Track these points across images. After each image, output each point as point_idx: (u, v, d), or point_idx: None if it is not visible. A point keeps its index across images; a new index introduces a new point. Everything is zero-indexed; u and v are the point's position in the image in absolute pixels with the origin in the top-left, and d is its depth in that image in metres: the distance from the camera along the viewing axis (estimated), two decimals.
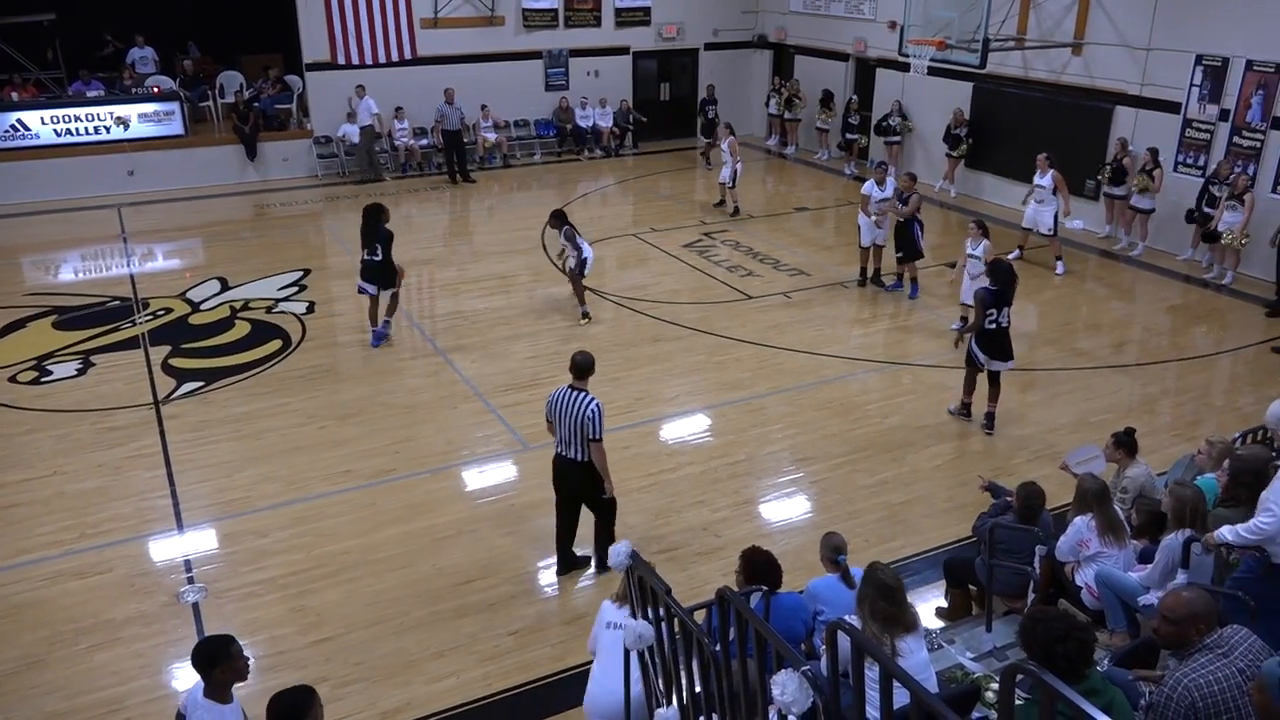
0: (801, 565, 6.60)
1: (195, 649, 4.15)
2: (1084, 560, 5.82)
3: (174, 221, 16.09)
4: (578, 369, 6.67)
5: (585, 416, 6.49)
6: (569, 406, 6.55)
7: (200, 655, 4.09)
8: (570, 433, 6.59)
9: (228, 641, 4.13)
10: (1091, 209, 15.11)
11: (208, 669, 4.06)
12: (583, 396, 6.55)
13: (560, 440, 6.71)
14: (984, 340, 8.89)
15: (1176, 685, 3.76)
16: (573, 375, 6.68)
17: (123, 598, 6.83)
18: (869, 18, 18.95)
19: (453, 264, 13.85)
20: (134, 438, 9.04)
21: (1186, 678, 3.77)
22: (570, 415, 6.54)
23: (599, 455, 6.60)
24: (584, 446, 6.58)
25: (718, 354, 10.94)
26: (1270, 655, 3.83)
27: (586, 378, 6.69)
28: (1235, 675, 3.73)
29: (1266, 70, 12.72)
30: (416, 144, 18.92)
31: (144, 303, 12.35)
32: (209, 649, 4.11)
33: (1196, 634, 3.91)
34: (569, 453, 6.67)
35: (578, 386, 6.63)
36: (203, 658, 4.08)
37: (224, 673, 4.06)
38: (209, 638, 4.31)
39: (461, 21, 19.15)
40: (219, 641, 4.15)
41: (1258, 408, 9.53)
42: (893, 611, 4.29)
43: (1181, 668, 3.86)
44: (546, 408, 6.77)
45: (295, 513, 7.87)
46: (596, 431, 6.50)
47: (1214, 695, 3.69)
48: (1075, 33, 15.05)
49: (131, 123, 17.46)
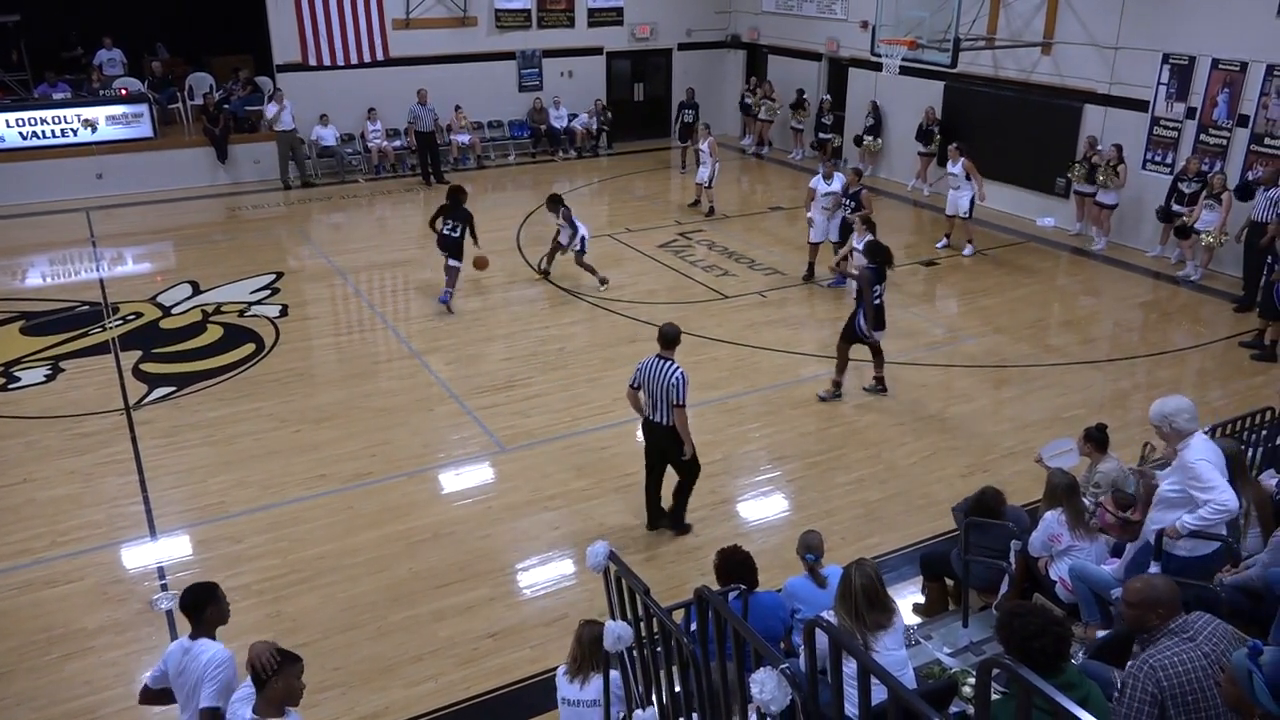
0: (779, 564, 6.62)
1: (185, 593, 4.45)
2: (1057, 555, 5.87)
3: (144, 225, 15.92)
4: (665, 339, 7.14)
5: (670, 383, 6.96)
6: (657, 374, 7.02)
7: (189, 598, 4.40)
8: (657, 398, 7.06)
9: (214, 587, 4.48)
10: (1062, 207, 15.27)
11: (199, 611, 4.36)
12: (669, 365, 7.03)
13: (648, 405, 7.18)
14: (872, 314, 9.43)
15: (1141, 666, 3.81)
16: (660, 345, 7.14)
17: (95, 606, 6.75)
18: (841, 18, 19.04)
19: (428, 266, 13.75)
20: (105, 444, 8.93)
21: (1152, 658, 3.82)
22: (658, 382, 7.02)
23: (681, 420, 7.06)
24: (669, 411, 7.04)
25: (694, 354, 10.93)
26: (1237, 641, 3.90)
27: (674, 347, 7.15)
28: (1200, 659, 3.78)
29: (1231, 69, 12.90)
30: (389, 145, 18.82)
31: (114, 307, 12.20)
32: (199, 593, 4.41)
33: (1156, 618, 3.94)
34: (654, 416, 7.15)
35: (665, 355, 7.10)
36: (192, 600, 4.39)
37: (213, 614, 4.39)
38: (195, 585, 4.52)
39: (434, 22, 19.07)
40: (206, 587, 4.48)
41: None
42: (875, 615, 4.33)
43: (1146, 650, 3.92)
44: (634, 374, 7.21)
45: (270, 518, 7.80)
46: (681, 397, 6.98)
47: (1178, 677, 3.73)
48: (1045, 32, 15.20)
49: (99, 125, 17.24)
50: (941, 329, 11.70)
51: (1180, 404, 5.25)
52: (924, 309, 12.29)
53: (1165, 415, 5.26)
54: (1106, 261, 14.09)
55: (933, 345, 11.18)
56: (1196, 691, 3.73)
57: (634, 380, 7.23)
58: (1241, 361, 10.80)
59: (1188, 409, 5.23)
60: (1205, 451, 5.14)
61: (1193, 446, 5.16)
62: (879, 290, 9.49)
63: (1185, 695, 3.72)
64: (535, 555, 7.39)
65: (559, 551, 7.41)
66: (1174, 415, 5.22)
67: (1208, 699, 3.72)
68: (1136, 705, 3.76)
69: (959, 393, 10.03)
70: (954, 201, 14.30)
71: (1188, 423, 5.21)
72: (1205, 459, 5.09)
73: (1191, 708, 3.72)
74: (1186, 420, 5.21)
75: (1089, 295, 13.04)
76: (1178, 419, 5.21)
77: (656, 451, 7.39)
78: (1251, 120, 12.76)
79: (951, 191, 14.33)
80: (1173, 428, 5.24)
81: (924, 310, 12.26)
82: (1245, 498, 5.64)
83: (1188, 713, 3.73)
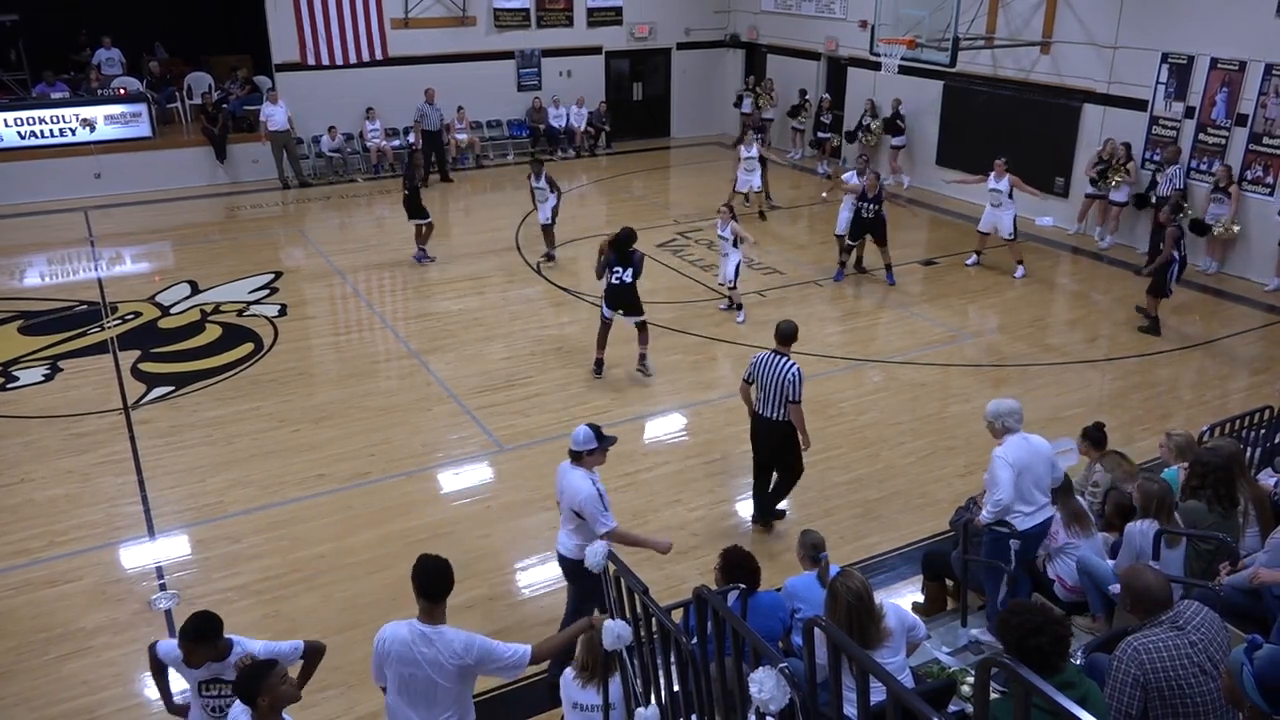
0: (778, 564, 6.62)
1: (191, 623, 4.30)
2: (1054, 553, 5.88)
3: (142, 224, 15.90)
4: (783, 336, 7.20)
5: (787, 380, 7.02)
6: (772, 370, 7.08)
7: (197, 627, 4.27)
8: (771, 394, 7.11)
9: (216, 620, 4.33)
10: (1061, 206, 15.27)
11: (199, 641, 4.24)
12: (785, 361, 7.07)
13: (760, 400, 7.22)
14: (608, 293, 9.83)
15: (1125, 649, 3.90)
16: (777, 341, 7.20)
17: (93, 606, 6.74)
18: (840, 17, 19.04)
19: (427, 265, 13.78)
20: (103, 443, 8.93)
21: (1136, 641, 3.90)
22: (772, 378, 7.07)
23: (797, 415, 7.13)
24: (782, 406, 7.09)
25: (693, 353, 10.96)
26: (1225, 633, 4.00)
27: (790, 344, 7.20)
28: (1186, 647, 3.84)
29: (1230, 68, 12.90)
30: (388, 145, 18.81)
31: (113, 307, 12.19)
32: (208, 625, 4.28)
33: (1147, 608, 4.04)
34: (766, 411, 7.20)
35: (781, 351, 7.14)
36: (201, 629, 4.26)
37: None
38: (200, 616, 4.37)
39: (432, 22, 19.05)
40: (208, 618, 4.32)
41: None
42: (865, 635, 4.25)
43: (1131, 635, 4.00)
44: (749, 369, 7.26)
45: (269, 517, 7.80)
46: (796, 394, 7.05)
47: (1163, 662, 3.80)
48: (1043, 31, 15.20)
49: (98, 125, 17.23)
50: (940, 328, 11.70)
51: (1011, 406, 5.84)
52: (923, 308, 12.28)
53: (998, 415, 5.82)
54: (1105, 260, 14.09)
55: (930, 344, 11.18)
56: (1183, 678, 3.79)
57: (748, 375, 7.29)
58: (1243, 360, 10.81)
59: (1016, 411, 5.81)
60: (1009, 452, 5.70)
61: (1005, 444, 5.75)
62: (619, 272, 9.66)
63: (1169, 682, 3.79)
64: (534, 555, 7.38)
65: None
66: (1005, 416, 5.80)
67: (1190, 686, 3.79)
68: (1120, 688, 3.86)
69: (957, 392, 10.03)
70: (994, 219, 13.14)
71: (1015, 423, 5.78)
72: (1004, 458, 5.68)
73: (1174, 694, 3.79)
74: (1014, 421, 5.79)
75: (1088, 294, 13.04)
76: (1008, 419, 5.79)
77: (767, 449, 7.42)
78: (1250, 119, 12.76)
79: (990, 209, 13.17)
80: (1003, 426, 5.79)
81: (922, 310, 12.25)
82: (1243, 496, 5.66)
83: (1169, 699, 3.80)
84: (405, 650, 4.13)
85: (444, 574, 4.19)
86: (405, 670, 4.14)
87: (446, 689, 4.18)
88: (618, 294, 9.80)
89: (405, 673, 4.15)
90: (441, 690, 4.17)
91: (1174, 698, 3.80)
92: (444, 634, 4.15)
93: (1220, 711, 3.79)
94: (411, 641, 4.12)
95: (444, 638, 4.14)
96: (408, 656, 4.13)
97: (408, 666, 4.14)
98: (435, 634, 4.13)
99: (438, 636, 4.13)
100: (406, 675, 4.15)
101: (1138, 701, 3.82)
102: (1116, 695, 3.87)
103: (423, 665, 4.12)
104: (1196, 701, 3.79)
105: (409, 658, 4.13)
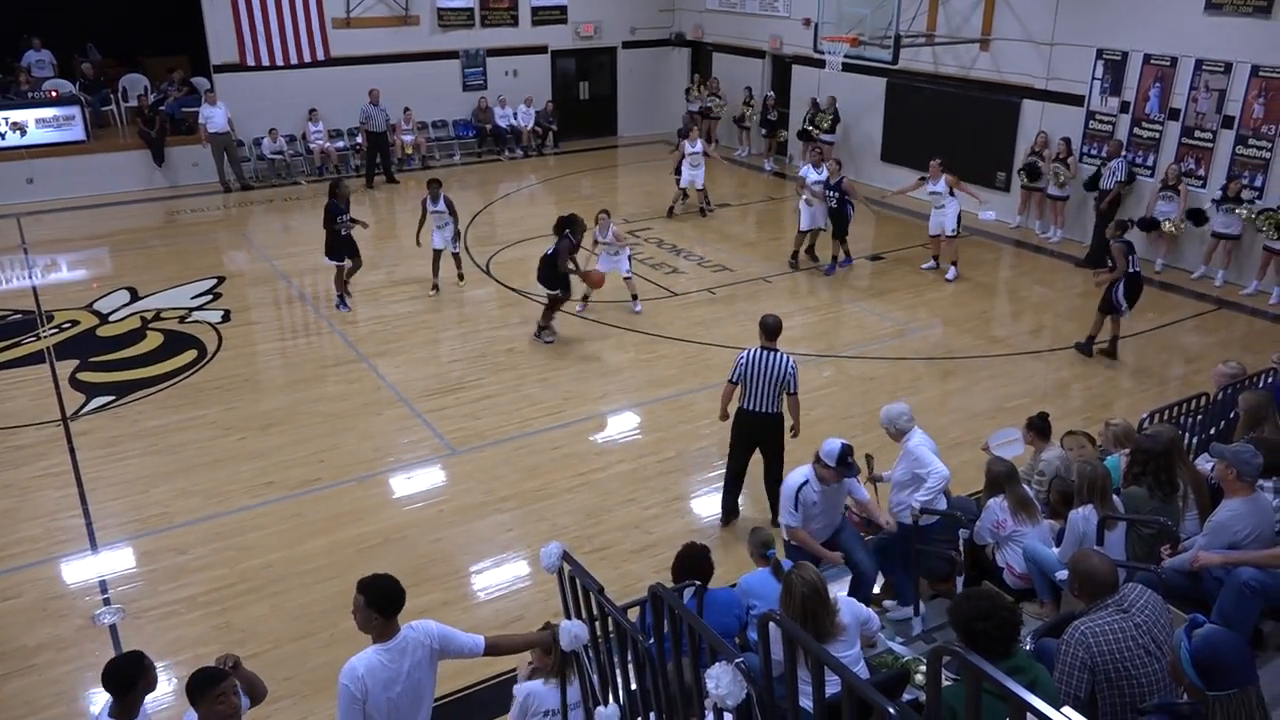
0: (733, 560, 6.66)
1: (110, 669, 4.01)
2: (1002, 541, 5.99)
3: (78, 230, 15.51)
4: (769, 331, 7.27)
5: (786, 373, 7.15)
6: (765, 364, 7.14)
7: (118, 676, 3.96)
8: (764, 388, 7.18)
9: (140, 658, 4.04)
10: (1003, 200, 15.54)
11: (128, 689, 3.93)
12: (779, 355, 7.18)
13: (749, 396, 7.24)
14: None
15: (1073, 633, 4.00)
16: (764, 337, 7.26)
17: (35, 623, 6.56)
18: (784, 15, 19.17)
19: (379, 267, 13.59)
20: (41, 456, 8.69)
21: (1083, 625, 4.01)
22: (767, 372, 7.14)
23: (796, 406, 7.31)
24: (775, 400, 7.22)
25: (645, 351, 10.97)
26: (1167, 614, 4.12)
27: (776, 338, 7.27)
28: (1132, 630, 3.96)
29: (1163, 64, 13.24)
30: (332, 146, 18.55)
31: (48, 315, 11.86)
32: (128, 669, 3.98)
33: (1088, 594, 4.17)
34: (756, 406, 7.25)
35: (768, 346, 7.21)
36: (122, 679, 3.94)
37: (143, 687, 3.98)
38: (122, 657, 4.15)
39: (375, 21, 18.82)
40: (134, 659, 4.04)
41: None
42: (820, 625, 4.33)
43: (1079, 619, 4.10)
44: (735, 370, 7.27)
45: (216, 527, 7.65)
46: (795, 386, 7.19)
47: (1109, 645, 3.91)
48: (983, 28, 15.47)
49: (29, 128, 16.75)
50: (889, 322, 11.85)
51: (900, 409, 6.31)
52: (870, 303, 12.44)
53: (891, 419, 6.28)
54: (1046, 253, 14.38)
55: (879, 339, 11.33)
56: (1125, 661, 3.91)
57: (734, 375, 7.30)
58: (1178, 349, 11.10)
59: (906, 412, 6.30)
60: (922, 440, 6.25)
61: (913, 439, 6.23)
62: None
63: (1115, 664, 3.90)
64: (488, 557, 7.34)
65: (512, 553, 7.37)
66: (897, 419, 6.27)
67: (1136, 668, 3.90)
68: (1068, 671, 3.96)
69: (906, 385, 10.17)
70: (937, 221, 13.15)
71: (907, 423, 6.26)
72: (923, 445, 6.21)
73: (1120, 676, 3.90)
74: (906, 421, 6.26)
75: (1031, 287, 13.29)
76: (899, 421, 6.26)
77: (751, 442, 7.44)
78: (1182, 113, 13.11)
79: (934, 211, 13.17)
80: (896, 428, 6.27)
81: (870, 305, 12.40)
82: (1183, 481, 5.80)
83: (1115, 680, 3.90)
84: (386, 674, 4.11)
85: (401, 588, 4.19)
86: (392, 692, 4.12)
87: (428, 685, 4.25)
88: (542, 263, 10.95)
89: (393, 694, 4.13)
90: (425, 688, 4.24)
91: (1120, 679, 3.90)
92: (407, 636, 4.18)
93: (1165, 691, 3.90)
94: (388, 663, 4.11)
95: (412, 635, 4.19)
96: (391, 679, 4.11)
97: (393, 688, 4.12)
98: (402, 641, 4.16)
99: (407, 640, 4.17)
100: (394, 696, 4.13)
101: (1085, 684, 3.92)
102: (1065, 678, 3.96)
103: (403, 677, 4.13)
104: (1141, 682, 3.89)
105: (392, 679, 4.11)
